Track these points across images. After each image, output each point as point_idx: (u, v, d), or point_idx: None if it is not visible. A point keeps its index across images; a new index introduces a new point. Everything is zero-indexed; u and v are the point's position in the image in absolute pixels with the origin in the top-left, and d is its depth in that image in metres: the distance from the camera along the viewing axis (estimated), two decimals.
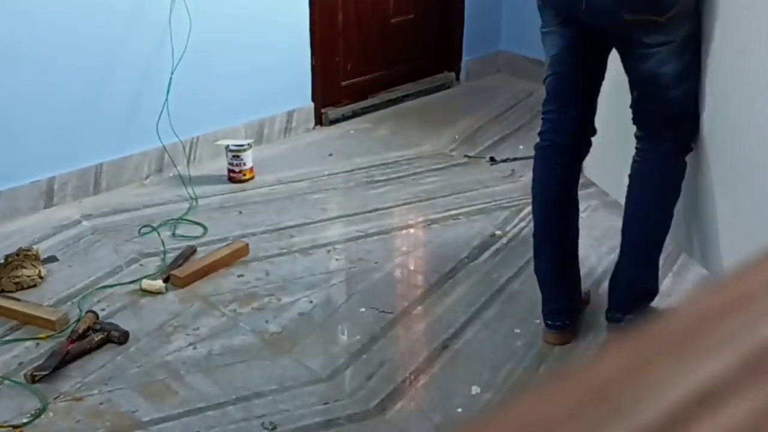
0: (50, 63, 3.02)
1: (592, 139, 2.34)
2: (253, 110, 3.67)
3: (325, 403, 2.14)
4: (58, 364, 2.23)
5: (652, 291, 2.39)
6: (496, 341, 2.38)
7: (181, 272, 2.67)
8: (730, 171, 2.20)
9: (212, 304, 2.57)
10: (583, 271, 2.72)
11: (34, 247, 2.80)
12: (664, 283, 2.64)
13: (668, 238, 2.34)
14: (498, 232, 2.97)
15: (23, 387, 2.19)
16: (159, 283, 2.61)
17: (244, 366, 2.29)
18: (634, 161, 2.29)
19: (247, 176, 3.37)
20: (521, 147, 3.68)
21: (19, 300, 2.54)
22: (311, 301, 2.58)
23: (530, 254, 2.80)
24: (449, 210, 3.13)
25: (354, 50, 4.07)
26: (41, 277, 2.65)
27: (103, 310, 2.51)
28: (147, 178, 3.38)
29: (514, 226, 3.01)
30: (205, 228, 3.00)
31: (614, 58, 2.25)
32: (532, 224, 2.99)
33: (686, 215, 2.40)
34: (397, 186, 3.33)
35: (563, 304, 2.38)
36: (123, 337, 2.37)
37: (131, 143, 3.32)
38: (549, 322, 2.37)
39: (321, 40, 3.82)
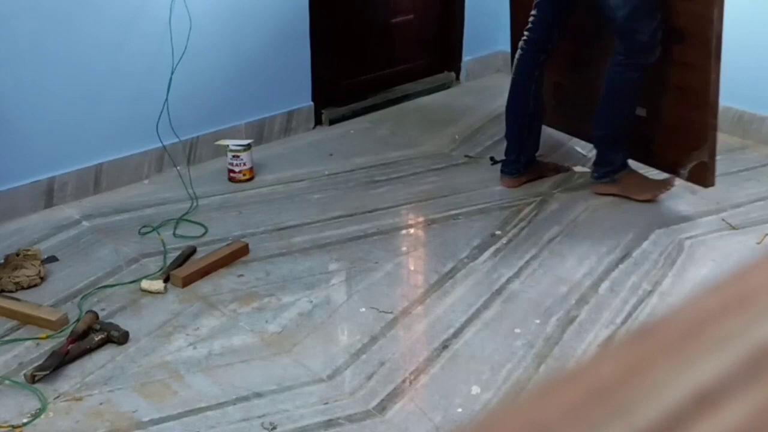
0: (50, 63, 3.02)
1: None
2: (253, 110, 3.67)
3: (325, 403, 2.14)
4: (58, 364, 2.23)
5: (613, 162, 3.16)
6: (496, 341, 2.38)
7: (181, 272, 2.67)
8: None
9: (212, 304, 2.57)
10: (582, 270, 2.73)
11: (34, 247, 2.80)
12: (664, 283, 2.65)
13: None
14: (498, 232, 2.97)
15: (23, 387, 2.19)
16: (159, 283, 2.61)
17: (244, 366, 2.29)
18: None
19: (247, 176, 3.37)
20: None
21: (19, 300, 2.54)
22: (311, 301, 2.58)
23: (530, 254, 2.81)
24: (449, 210, 3.13)
25: (354, 50, 4.07)
26: (41, 277, 2.65)
27: (103, 310, 2.51)
28: (147, 178, 3.38)
29: (514, 226, 3.01)
30: (205, 228, 3.00)
31: None
32: (532, 224, 3.01)
33: None
34: (397, 186, 3.33)
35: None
36: (123, 337, 2.37)
37: (131, 143, 3.32)
38: (505, 170, 3.29)
39: (321, 40, 3.81)
